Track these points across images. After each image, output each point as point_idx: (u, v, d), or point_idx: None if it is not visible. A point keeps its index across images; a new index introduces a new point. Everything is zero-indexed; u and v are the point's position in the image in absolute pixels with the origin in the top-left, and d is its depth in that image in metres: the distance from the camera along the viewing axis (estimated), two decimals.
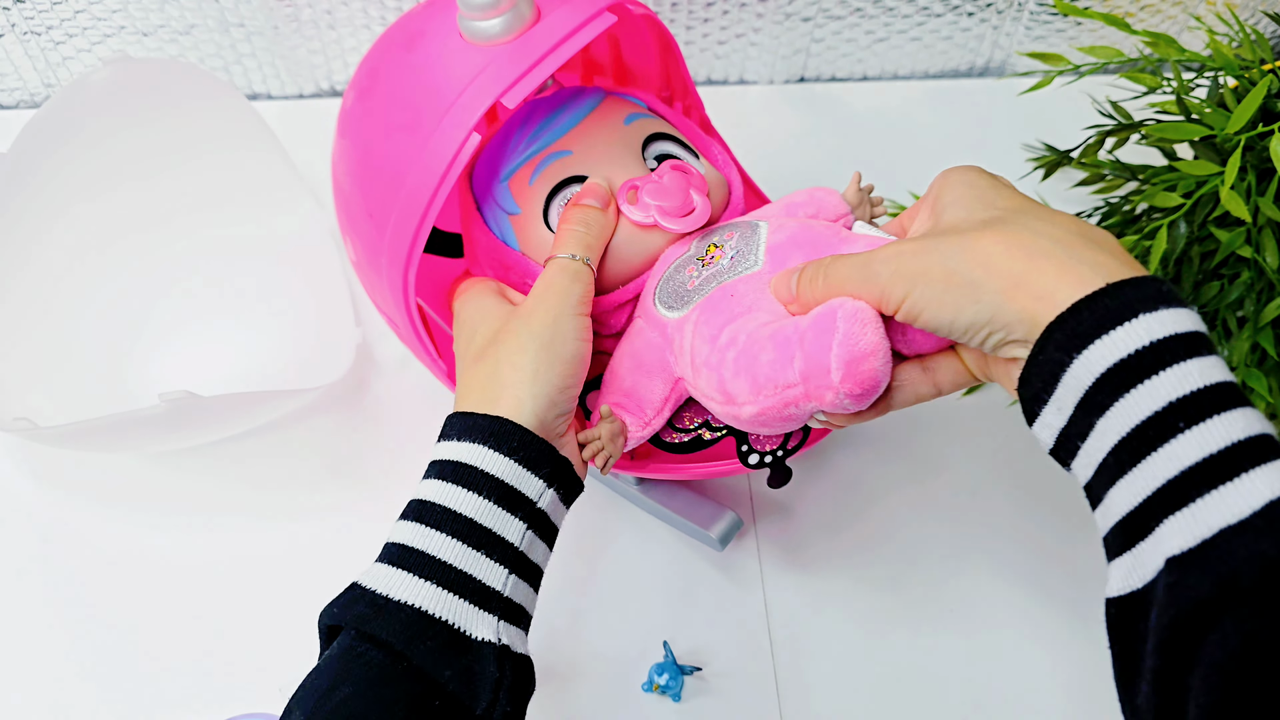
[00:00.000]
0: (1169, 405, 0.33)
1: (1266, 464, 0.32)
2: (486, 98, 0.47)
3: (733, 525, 0.57)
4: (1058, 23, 0.79)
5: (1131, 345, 0.34)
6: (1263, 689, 0.30)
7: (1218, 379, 0.34)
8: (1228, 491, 0.32)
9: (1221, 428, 0.33)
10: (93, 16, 0.73)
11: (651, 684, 0.56)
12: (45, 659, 0.57)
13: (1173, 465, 0.33)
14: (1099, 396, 0.35)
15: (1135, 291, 0.35)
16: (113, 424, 0.54)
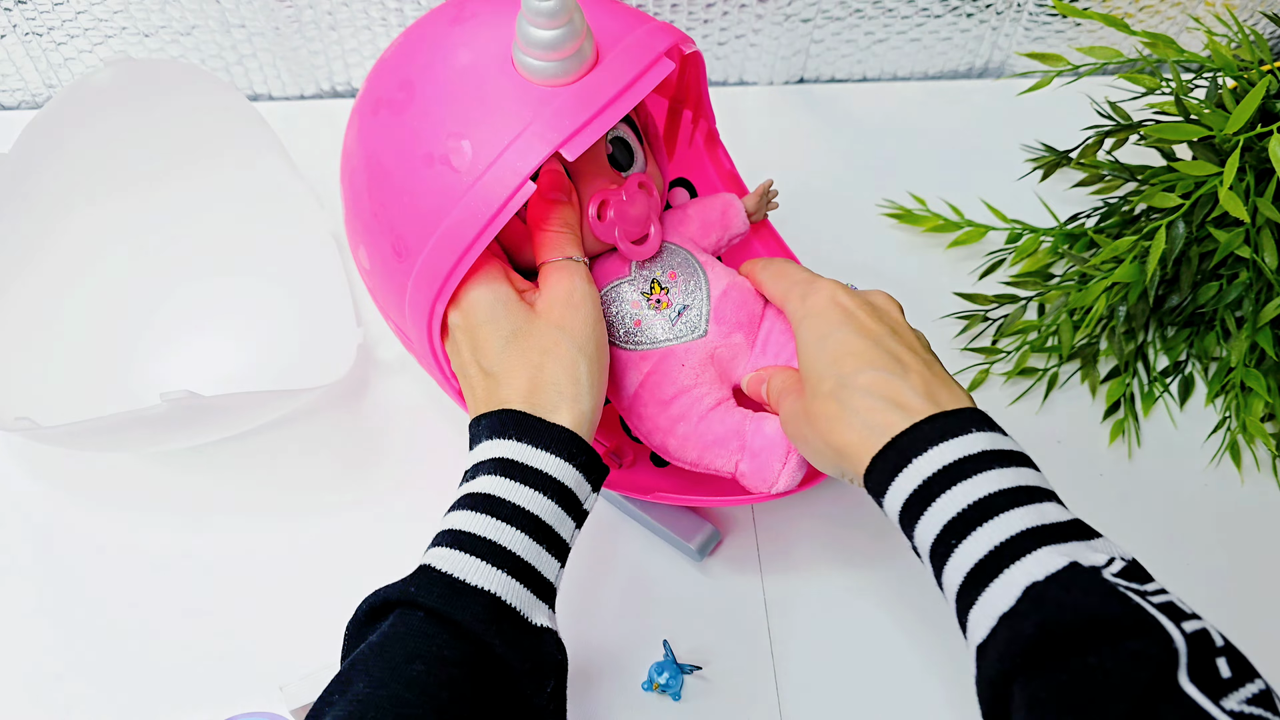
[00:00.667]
0: (947, 524, 0.42)
1: (1028, 555, 0.40)
2: (545, 147, 0.45)
3: (710, 537, 0.59)
4: (1056, 23, 0.79)
5: (916, 481, 0.43)
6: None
7: (989, 490, 0.41)
8: (997, 585, 0.40)
9: (987, 534, 0.41)
10: (94, 17, 0.73)
11: (651, 683, 0.56)
12: (45, 658, 0.57)
13: (957, 574, 0.41)
14: (906, 525, 0.44)
15: (922, 432, 0.43)
16: (113, 424, 0.54)
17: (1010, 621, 0.39)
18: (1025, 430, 0.66)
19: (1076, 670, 0.37)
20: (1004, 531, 0.40)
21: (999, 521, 0.41)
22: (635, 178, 0.53)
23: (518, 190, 0.45)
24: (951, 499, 0.42)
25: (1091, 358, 0.67)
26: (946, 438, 0.43)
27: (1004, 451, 0.43)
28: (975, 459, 0.42)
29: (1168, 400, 0.67)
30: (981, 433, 0.43)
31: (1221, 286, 0.65)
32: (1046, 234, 0.70)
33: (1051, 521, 0.41)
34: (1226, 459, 0.65)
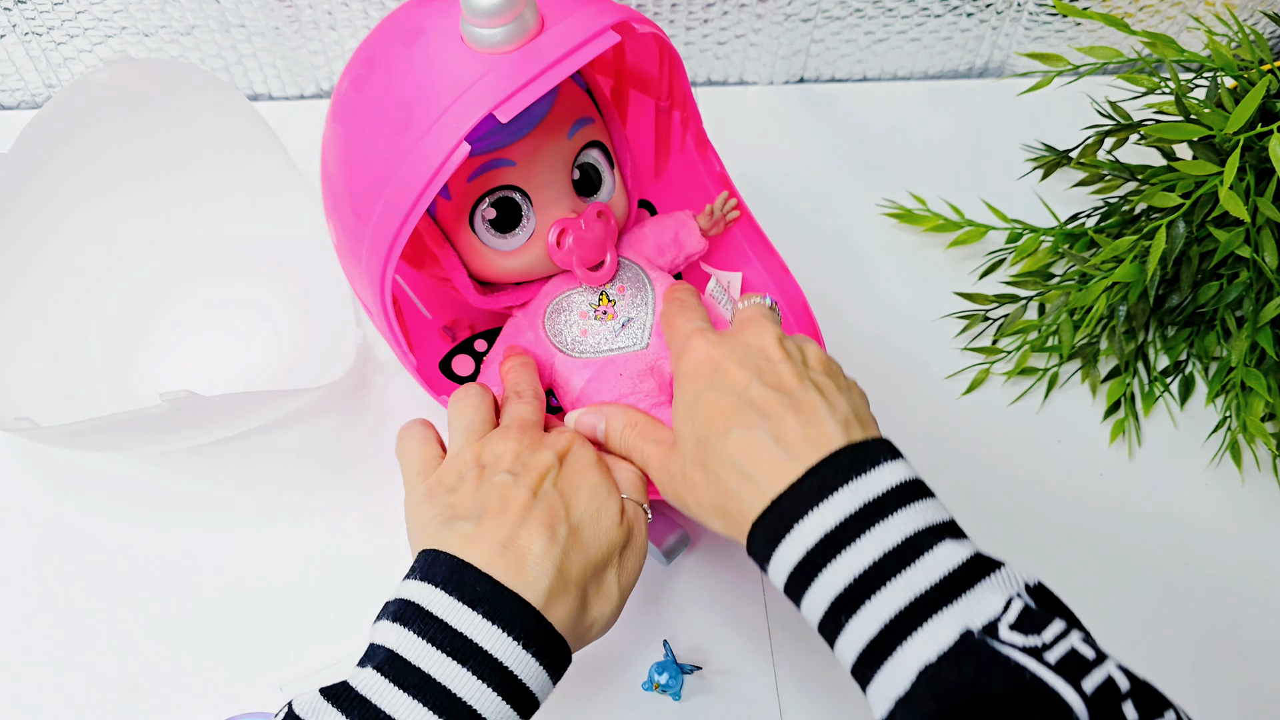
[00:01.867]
0: (826, 612, 0.41)
1: (916, 631, 0.38)
2: (481, 109, 0.46)
3: (680, 541, 0.59)
4: (1057, 23, 0.79)
5: (784, 572, 0.42)
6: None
7: (864, 567, 0.40)
8: (890, 668, 0.39)
9: (872, 615, 0.39)
10: (94, 17, 0.73)
11: (652, 683, 0.56)
12: (45, 659, 0.57)
13: (850, 653, 0.40)
14: (793, 587, 0.42)
15: (796, 495, 0.41)
16: (114, 424, 0.54)
17: (906, 707, 0.38)
18: (1025, 430, 0.66)
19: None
20: (893, 603, 0.39)
21: (888, 590, 0.39)
22: (595, 206, 0.55)
23: (453, 151, 0.46)
24: (836, 571, 0.40)
25: (1092, 357, 0.67)
26: (821, 498, 0.41)
27: (885, 496, 0.41)
28: (857, 517, 0.40)
29: (1168, 400, 0.67)
30: (857, 480, 0.41)
31: (1222, 286, 0.65)
32: (1047, 234, 0.70)
33: (943, 574, 0.39)
34: (1226, 459, 0.65)
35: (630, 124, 0.64)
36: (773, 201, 0.71)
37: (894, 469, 0.41)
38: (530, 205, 0.54)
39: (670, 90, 0.60)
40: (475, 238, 0.54)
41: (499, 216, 0.54)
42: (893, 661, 0.38)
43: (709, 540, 0.61)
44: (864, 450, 0.42)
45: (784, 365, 0.45)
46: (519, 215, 0.54)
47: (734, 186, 0.61)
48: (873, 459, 0.41)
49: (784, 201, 0.74)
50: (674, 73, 0.58)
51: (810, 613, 0.41)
